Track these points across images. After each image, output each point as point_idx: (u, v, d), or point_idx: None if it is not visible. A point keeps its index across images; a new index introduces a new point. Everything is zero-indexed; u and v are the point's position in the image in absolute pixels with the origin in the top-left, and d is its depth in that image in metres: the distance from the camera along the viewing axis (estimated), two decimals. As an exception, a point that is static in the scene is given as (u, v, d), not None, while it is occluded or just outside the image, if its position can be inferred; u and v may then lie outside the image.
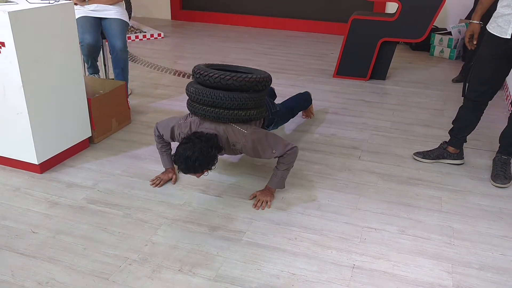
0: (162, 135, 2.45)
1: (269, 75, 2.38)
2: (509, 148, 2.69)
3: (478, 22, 2.59)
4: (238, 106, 2.24)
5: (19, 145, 2.57)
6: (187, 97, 2.39)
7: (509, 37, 2.39)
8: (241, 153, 2.37)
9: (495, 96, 2.69)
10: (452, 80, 4.50)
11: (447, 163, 2.85)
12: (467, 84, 2.70)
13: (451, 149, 2.83)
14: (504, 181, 2.60)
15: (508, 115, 2.74)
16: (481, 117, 2.77)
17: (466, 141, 2.83)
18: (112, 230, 2.16)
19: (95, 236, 2.12)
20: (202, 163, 2.12)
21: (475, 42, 2.64)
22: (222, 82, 2.22)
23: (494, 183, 2.61)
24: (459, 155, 2.83)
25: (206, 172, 2.22)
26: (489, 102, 2.70)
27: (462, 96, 2.82)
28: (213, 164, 2.20)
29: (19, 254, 1.99)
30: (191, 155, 2.10)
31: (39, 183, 2.54)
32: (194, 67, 2.34)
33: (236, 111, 2.25)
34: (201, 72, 2.27)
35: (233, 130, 2.28)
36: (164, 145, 2.53)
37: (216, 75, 2.22)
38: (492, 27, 2.48)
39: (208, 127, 2.28)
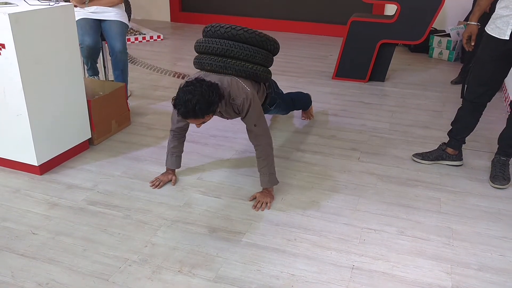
0: (176, 121, 2.43)
1: (278, 43, 2.49)
2: (508, 149, 2.70)
3: (475, 24, 2.61)
4: (246, 56, 2.31)
5: (19, 147, 2.57)
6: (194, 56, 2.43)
7: (508, 39, 2.40)
8: (236, 113, 2.36)
9: (493, 97, 2.70)
10: (451, 82, 4.51)
11: (446, 165, 2.85)
12: (466, 85, 2.71)
13: (450, 150, 2.84)
14: (503, 182, 2.61)
15: (507, 116, 2.75)
16: (480, 118, 2.77)
17: (464, 143, 2.84)
18: (112, 231, 2.16)
19: (95, 237, 2.12)
20: (202, 106, 2.09)
21: (472, 44, 2.65)
22: (233, 33, 2.30)
23: (493, 184, 2.62)
24: (458, 157, 2.84)
25: (206, 120, 2.19)
26: (488, 103, 2.71)
27: (461, 98, 2.83)
28: (213, 110, 2.17)
29: (19, 255, 1.99)
30: (192, 98, 2.08)
31: (39, 185, 2.54)
32: (205, 26, 2.42)
33: (244, 62, 2.31)
34: (213, 25, 2.36)
35: (237, 84, 2.29)
36: (177, 145, 2.52)
37: (228, 26, 2.31)
38: (491, 29, 2.48)
39: (213, 79, 2.26)
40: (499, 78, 2.59)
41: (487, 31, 2.51)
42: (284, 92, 3.13)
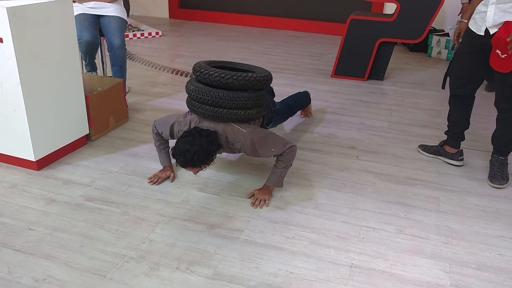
0: (161, 132, 2.45)
1: (270, 74, 2.38)
2: (503, 149, 2.70)
3: (466, 21, 2.66)
4: (237, 105, 2.24)
5: (16, 142, 2.55)
6: (186, 95, 2.39)
7: (483, 34, 2.45)
8: (240, 152, 2.36)
9: (492, 97, 2.70)
10: None
11: (444, 161, 2.86)
12: (447, 77, 2.76)
13: (447, 148, 2.86)
14: (502, 182, 2.61)
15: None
16: (471, 114, 2.80)
17: (462, 139, 2.84)
18: (109, 228, 2.15)
19: (92, 233, 2.11)
20: (200, 157, 2.11)
21: (460, 40, 2.70)
22: (222, 81, 2.22)
23: (492, 184, 2.62)
24: (456, 156, 2.83)
25: (204, 168, 2.22)
26: (486, 103, 2.71)
27: (442, 88, 2.94)
28: (212, 160, 2.19)
29: (16, 250, 1.98)
30: (190, 148, 2.10)
31: (36, 180, 2.52)
32: (195, 65, 2.33)
33: (236, 110, 2.25)
34: (201, 70, 2.26)
35: (232, 129, 2.28)
36: (162, 142, 2.53)
37: (216, 74, 2.22)
38: (471, 23, 2.56)
39: (207, 126, 2.28)
40: (477, 72, 2.63)
41: (469, 25, 2.58)
42: (282, 99, 3.09)
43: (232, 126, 2.29)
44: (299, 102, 3.23)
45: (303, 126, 3.36)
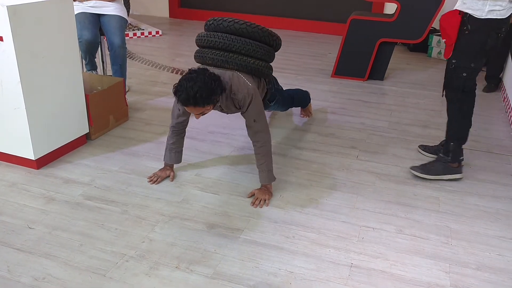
0: (177, 116, 2.42)
1: (280, 39, 2.49)
2: (446, 144, 2.72)
3: None
4: (248, 51, 2.29)
5: (16, 140, 2.55)
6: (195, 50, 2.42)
7: None
8: (236, 107, 2.35)
9: (492, 98, 2.69)
10: None
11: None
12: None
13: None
14: (418, 170, 2.67)
15: (504, 117, 2.74)
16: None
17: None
18: (109, 227, 2.15)
19: (92, 232, 2.11)
20: (203, 94, 2.09)
21: None
22: (235, 26, 2.29)
23: (410, 168, 2.71)
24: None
25: (206, 110, 2.19)
26: (486, 103, 2.71)
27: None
28: (214, 101, 2.16)
29: (16, 249, 1.98)
30: (194, 85, 2.08)
31: (36, 179, 2.52)
32: (208, 20, 2.40)
33: (246, 57, 2.30)
34: (215, 18, 2.35)
35: (238, 79, 2.28)
36: (176, 141, 2.51)
37: (230, 20, 2.31)
38: None
39: (214, 73, 2.25)
40: None
41: None
42: (284, 89, 3.12)
43: (239, 76, 2.29)
44: (300, 96, 3.25)
45: (303, 126, 3.36)
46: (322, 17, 6.51)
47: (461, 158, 2.68)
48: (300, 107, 3.46)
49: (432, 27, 5.21)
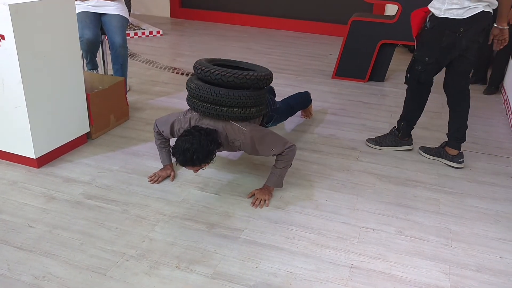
0: (162, 131, 2.45)
1: (271, 73, 2.38)
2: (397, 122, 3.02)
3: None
4: (238, 104, 2.24)
5: (17, 139, 2.55)
6: (187, 93, 2.39)
7: None
8: (240, 150, 2.36)
9: (492, 100, 2.71)
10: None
11: (445, 164, 2.86)
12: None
13: (448, 149, 2.87)
14: (372, 142, 3.04)
15: (504, 119, 2.75)
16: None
17: (464, 140, 2.84)
18: (109, 226, 2.15)
19: (92, 231, 2.11)
20: (200, 156, 2.12)
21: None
22: (223, 79, 2.22)
23: (366, 140, 3.08)
24: (457, 158, 2.82)
25: (204, 167, 2.22)
26: (486, 106, 2.72)
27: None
28: (211, 158, 2.20)
29: (16, 248, 1.98)
30: (190, 147, 2.10)
31: (36, 178, 2.52)
32: (196, 62, 2.33)
33: (236, 108, 2.25)
34: (203, 68, 2.26)
35: (232, 127, 2.28)
36: (163, 141, 2.52)
37: (217, 72, 2.22)
38: None
39: (207, 123, 2.28)
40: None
41: None
42: (283, 98, 3.09)
43: (232, 124, 2.29)
44: (300, 102, 3.23)
45: (303, 127, 3.36)
46: (323, 18, 6.52)
47: (410, 134, 3.03)
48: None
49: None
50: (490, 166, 2.89)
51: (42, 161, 2.63)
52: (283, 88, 4.04)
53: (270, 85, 2.82)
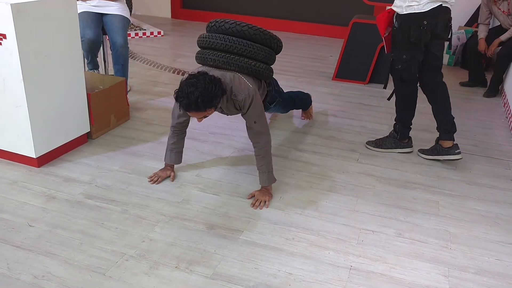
0: (177, 117, 2.43)
1: (281, 40, 2.50)
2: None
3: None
4: (249, 53, 2.31)
5: (17, 138, 2.55)
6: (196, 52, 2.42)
7: None
8: (237, 109, 2.36)
9: (492, 103, 2.72)
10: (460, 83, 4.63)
11: (444, 160, 2.90)
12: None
13: (442, 142, 2.91)
14: (371, 144, 3.05)
15: (504, 122, 2.77)
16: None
17: (455, 130, 2.91)
18: (109, 226, 2.15)
19: (92, 231, 2.11)
20: (204, 99, 2.09)
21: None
22: (237, 28, 2.30)
23: (366, 143, 3.09)
24: (453, 149, 2.86)
25: (208, 114, 2.20)
26: (486, 108, 2.74)
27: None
28: (216, 103, 2.17)
29: (15, 247, 1.98)
30: (194, 90, 2.08)
31: (37, 177, 2.52)
32: (210, 22, 2.41)
33: (247, 59, 2.31)
34: (217, 20, 2.36)
35: (239, 80, 2.29)
36: (176, 141, 2.51)
37: (232, 22, 2.32)
38: None
39: (215, 74, 2.25)
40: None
41: None
42: (285, 91, 3.13)
43: (240, 77, 2.30)
44: (301, 98, 3.25)
45: (304, 128, 3.36)
46: (324, 20, 6.53)
47: (409, 136, 3.06)
48: (301, 109, 3.46)
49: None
50: (490, 168, 2.90)
51: (43, 160, 2.63)
52: (284, 89, 4.03)
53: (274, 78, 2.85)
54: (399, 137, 3.02)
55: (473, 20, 5.58)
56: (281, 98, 2.87)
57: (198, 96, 2.08)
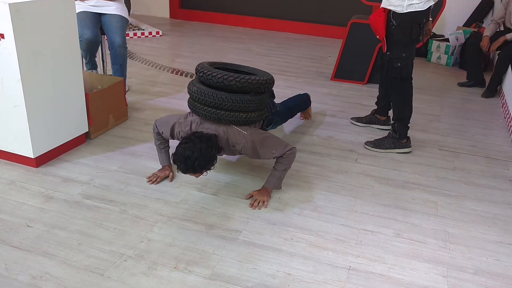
0: (162, 132, 2.44)
1: (272, 77, 2.39)
2: (393, 124, 3.09)
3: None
4: (239, 108, 2.25)
5: (15, 138, 2.55)
6: (187, 94, 2.39)
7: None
8: (241, 153, 2.37)
9: (491, 104, 2.73)
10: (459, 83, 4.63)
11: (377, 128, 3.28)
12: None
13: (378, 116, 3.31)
14: (370, 145, 3.06)
15: (502, 123, 2.78)
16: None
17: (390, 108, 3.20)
18: (107, 226, 2.15)
19: (90, 231, 2.10)
20: (201, 163, 2.12)
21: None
22: (225, 83, 2.22)
23: (364, 144, 3.10)
24: (387, 122, 3.26)
25: (205, 172, 2.22)
26: (485, 109, 2.75)
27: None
28: (212, 164, 2.20)
29: (14, 247, 1.97)
30: (191, 155, 2.10)
31: (35, 177, 2.52)
32: (198, 65, 2.34)
33: (238, 113, 2.26)
34: (205, 71, 2.27)
35: (233, 131, 2.28)
36: (162, 142, 2.52)
37: (219, 75, 2.22)
38: None
39: (208, 127, 2.28)
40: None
41: None
42: (282, 100, 3.10)
43: (233, 128, 2.29)
44: (299, 104, 3.23)
45: (302, 129, 3.36)
46: (323, 20, 6.53)
47: (408, 136, 3.09)
48: (300, 110, 3.46)
49: (432, 32, 5.22)
50: (488, 169, 2.90)
51: (41, 160, 2.63)
52: (282, 90, 4.04)
53: None
54: (398, 137, 3.03)
55: (472, 21, 5.59)
56: (278, 117, 2.83)
57: (194, 160, 2.10)
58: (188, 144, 2.14)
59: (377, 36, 2.91)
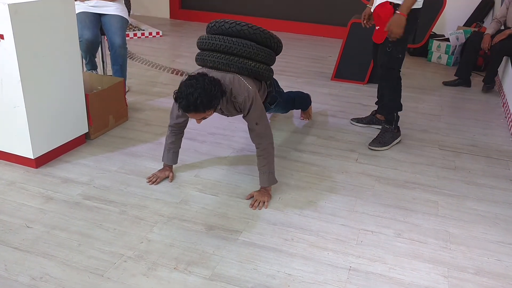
0: (174, 117, 2.43)
1: (281, 40, 2.51)
2: (387, 116, 3.15)
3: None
4: (249, 54, 2.29)
5: (15, 139, 2.55)
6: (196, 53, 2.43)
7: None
8: (237, 110, 2.35)
9: (491, 103, 2.72)
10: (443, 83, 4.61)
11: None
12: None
13: (379, 116, 3.33)
14: (377, 145, 3.05)
15: (503, 122, 2.78)
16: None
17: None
18: (107, 227, 2.14)
19: (90, 232, 2.10)
20: (204, 100, 2.09)
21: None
22: (237, 28, 2.29)
23: (369, 146, 3.07)
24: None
25: (207, 115, 2.19)
26: (485, 109, 2.75)
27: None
28: (215, 105, 2.16)
29: (13, 248, 1.97)
30: (194, 91, 2.08)
31: (34, 178, 2.52)
32: (210, 23, 2.41)
33: (247, 60, 2.29)
34: (217, 20, 2.35)
35: (239, 82, 2.28)
36: (173, 141, 2.50)
37: (232, 21, 2.31)
38: None
39: (215, 76, 2.25)
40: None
41: None
42: (285, 91, 3.12)
43: (239, 79, 2.29)
44: (301, 97, 3.26)
45: (303, 128, 3.36)
46: (323, 20, 6.52)
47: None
48: (300, 110, 3.46)
49: (432, 32, 5.22)
50: (489, 168, 2.90)
51: (41, 161, 2.63)
52: (284, 90, 4.03)
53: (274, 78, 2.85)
54: (394, 128, 3.13)
55: (472, 20, 5.58)
56: (281, 98, 2.87)
57: (197, 97, 2.07)
58: (191, 81, 2.12)
59: (377, 27, 2.96)
